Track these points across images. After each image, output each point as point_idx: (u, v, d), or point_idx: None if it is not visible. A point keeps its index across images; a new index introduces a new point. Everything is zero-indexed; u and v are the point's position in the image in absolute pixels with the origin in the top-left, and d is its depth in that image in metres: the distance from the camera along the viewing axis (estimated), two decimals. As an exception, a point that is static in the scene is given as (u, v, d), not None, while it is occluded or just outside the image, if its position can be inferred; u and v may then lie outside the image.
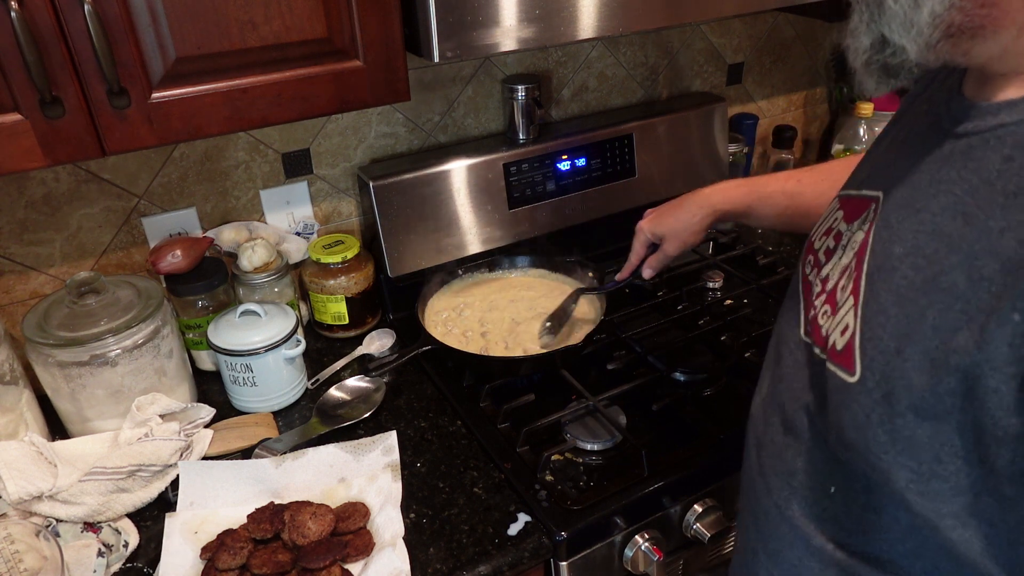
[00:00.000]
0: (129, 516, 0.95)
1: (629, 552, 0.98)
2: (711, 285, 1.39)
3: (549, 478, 0.99)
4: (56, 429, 1.07)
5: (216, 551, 0.85)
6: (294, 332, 1.12)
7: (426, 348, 1.15)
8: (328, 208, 1.34)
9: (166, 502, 0.97)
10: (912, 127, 0.65)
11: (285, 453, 1.00)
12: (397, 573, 0.83)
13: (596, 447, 1.02)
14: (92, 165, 1.12)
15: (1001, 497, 0.51)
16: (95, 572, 0.86)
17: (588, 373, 1.16)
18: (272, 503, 0.92)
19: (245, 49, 0.82)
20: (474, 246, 1.35)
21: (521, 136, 1.36)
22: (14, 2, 0.69)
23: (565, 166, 1.38)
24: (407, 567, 0.85)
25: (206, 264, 1.18)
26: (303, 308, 1.32)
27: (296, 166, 1.27)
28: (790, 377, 0.69)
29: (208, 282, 1.16)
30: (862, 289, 0.59)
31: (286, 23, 0.83)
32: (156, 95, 0.80)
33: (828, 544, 0.65)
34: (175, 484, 0.96)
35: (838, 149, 1.66)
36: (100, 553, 0.88)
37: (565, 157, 1.38)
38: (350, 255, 1.24)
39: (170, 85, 0.80)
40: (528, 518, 0.94)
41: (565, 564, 0.93)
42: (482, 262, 1.36)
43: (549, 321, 1.19)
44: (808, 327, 0.67)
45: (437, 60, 0.87)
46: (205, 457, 1.02)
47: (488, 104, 1.40)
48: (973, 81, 0.58)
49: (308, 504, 0.91)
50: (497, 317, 1.26)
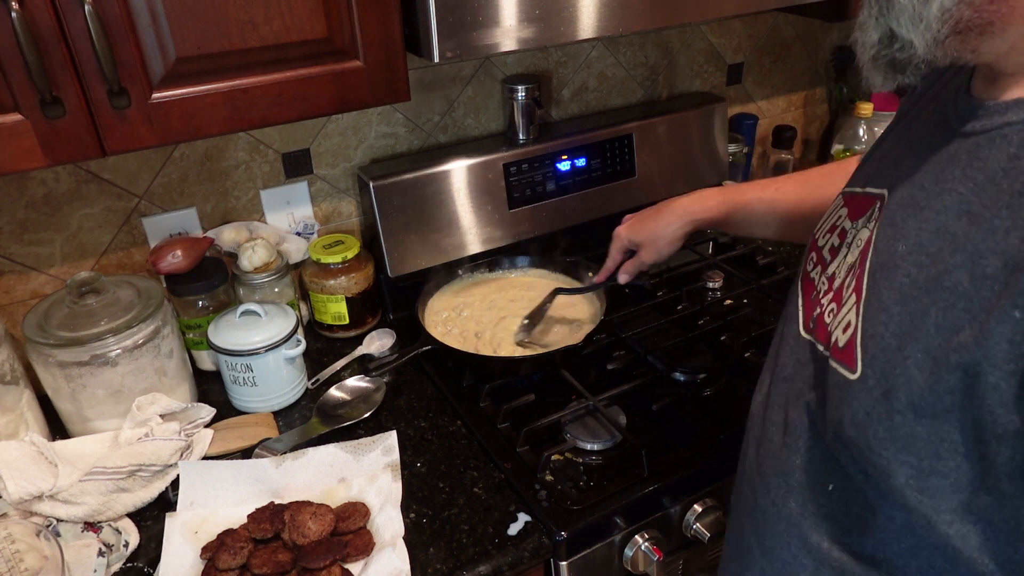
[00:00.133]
0: (129, 516, 0.95)
1: (629, 552, 0.98)
2: (711, 285, 1.39)
3: (549, 478, 0.99)
4: (56, 429, 1.07)
5: (216, 551, 0.85)
6: (294, 332, 1.12)
7: (426, 348, 1.15)
8: (328, 208, 1.34)
9: (166, 502, 0.97)
10: (918, 126, 0.65)
11: (285, 453, 1.00)
12: (397, 573, 0.83)
13: (596, 447, 1.02)
14: (92, 165, 1.12)
15: (1000, 494, 0.51)
16: (95, 572, 0.86)
17: (588, 373, 1.16)
18: (272, 503, 0.92)
19: (245, 49, 0.82)
20: (474, 246, 1.35)
21: (521, 136, 1.36)
22: (15, 2, 0.69)
23: (565, 166, 1.38)
24: (407, 567, 0.85)
25: (206, 264, 1.18)
26: (303, 308, 1.32)
27: (296, 166, 1.28)
28: (791, 375, 0.69)
29: (208, 282, 1.16)
30: (864, 286, 0.59)
31: (286, 23, 0.83)
32: (156, 95, 0.80)
33: (824, 542, 0.65)
34: (175, 484, 0.96)
35: (838, 149, 1.66)
36: (100, 553, 0.88)
37: (565, 157, 1.38)
38: (350, 255, 1.24)
39: (170, 85, 0.80)
40: (528, 518, 0.94)
41: (565, 564, 0.94)
42: (482, 262, 1.36)
43: (527, 319, 1.20)
44: (812, 325, 0.67)
45: (437, 60, 0.87)
46: (205, 457, 1.02)
47: (488, 104, 1.40)
48: (981, 80, 0.58)
49: (308, 504, 0.91)
50: (494, 316, 1.26)
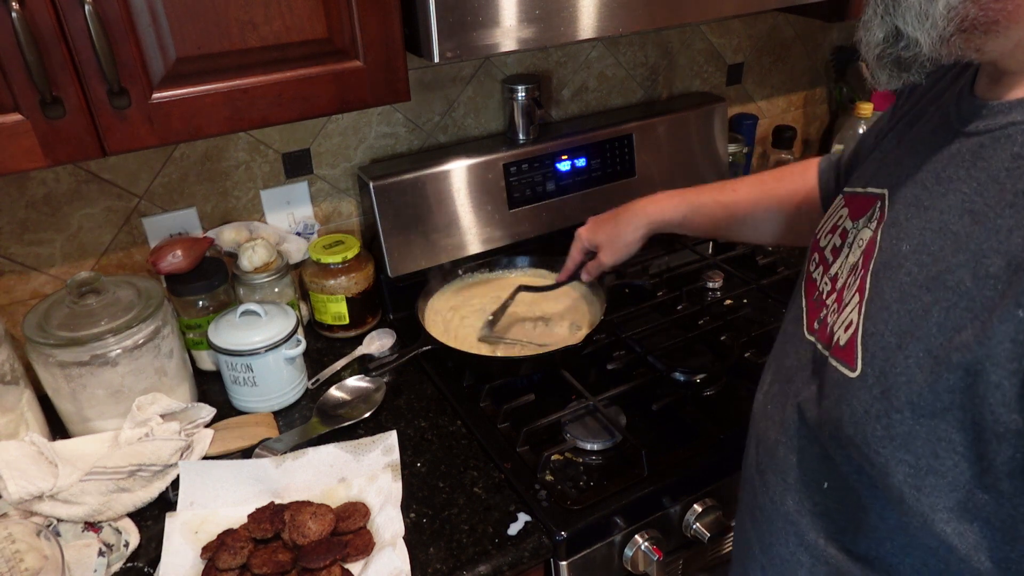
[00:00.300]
0: (130, 516, 0.95)
1: (629, 552, 0.98)
2: (711, 285, 1.39)
3: (549, 478, 0.99)
4: (56, 429, 1.07)
5: (216, 551, 0.85)
6: (294, 332, 1.12)
7: (426, 348, 1.15)
8: (328, 208, 1.34)
9: (166, 502, 0.97)
10: (920, 126, 0.65)
11: (285, 453, 1.00)
12: (397, 573, 0.83)
13: (596, 447, 1.02)
14: (92, 165, 1.12)
15: (998, 493, 0.51)
16: (96, 572, 0.86)
17: (588, 373, 1.16)
18: (272, 503, 0.92)
19: (245, 49, 0.82)
20: (474, 246, 1.35)
21: (521, 136, 1.36)
22: (15, 2, 0.69)
23: (565, 166, 1.38)
24: (407, 567, 0.85)
25: (206, 264, 1.18)
26: (303, 308, 1.32)
27: (296, 166, 1.28)
28: (792, 374, 0.69)
29: (208, 282, 1.16)
30: (867, 286, 0.59)
31: (286, 23, 0.83)
32: (156, 95, 0.80)
33: (820, 539, 0.65)
34: (175, 484, 0.96)
35: (838, 149, 1.66)
36: (101, 553, 0.88)
37: (565, 157, 1.38)
38: (350, 255, 1.24)
39: (170, 85, 0.80)
40: (528, 518, 0.94)
41: (565, 564, 0.94)
42: (482, 262, 1.36)
43: (492, 316, 1.22)
44: (816, 326, 0.67)
45: (437, 60, 0.87)
46: (205, 457, 1.02)
47: (488, 104, 1.40)
48: (985, 80, 0.58)
49: (308, 504, 0.91)
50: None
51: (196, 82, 0.82)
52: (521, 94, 1.32)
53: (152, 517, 0.96)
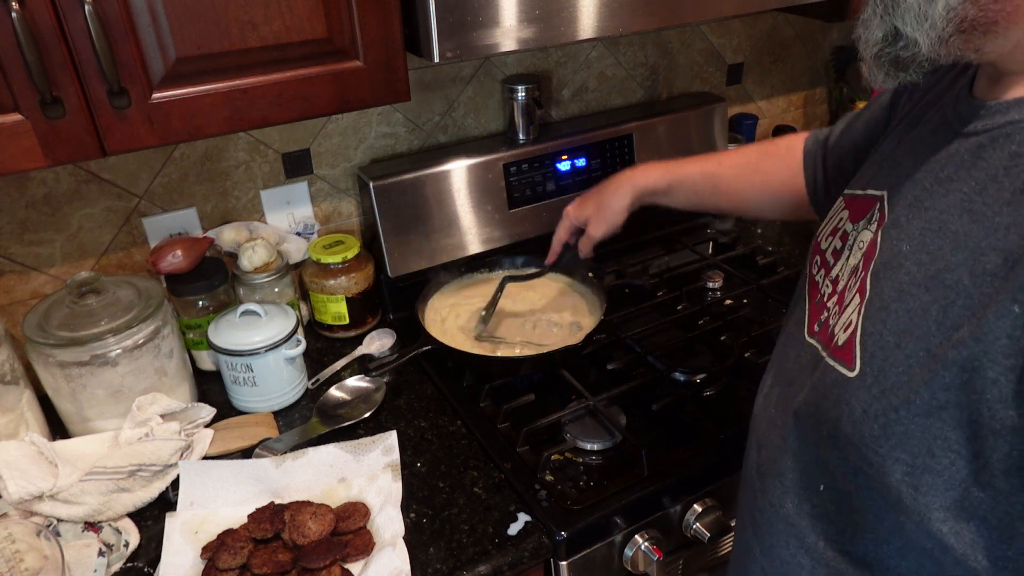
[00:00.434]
0: (130, 516, 0.95)
1: (629, 552, 0.98)
2: (711, 285, 1.39)
3: (549, 478, 0.99)
4: (56, 429, 1.07)
5: (216, 551, 0.86)
6: (294, 332, 1.12)
7: (426, 348, 1.15)
8: (328, 208, 1.34)
9: (166, 502, 0.97)
10: (919, 128, 0.66)
11: (285, 453, 1.00)
12: (397, 573, 0.83)
13: (596, 447, 1.02)
14: (92, 165, 1.12)
15: (994, 491, 0.51)
16: (96, 572, 0.86)
17: (588, 373, 1.16)
18: (272, 503, 0.92)
19: (245, 49, 0.82)
20: (474, 246, 1.35)
21: (521, 136, 1.36)
22: (15, 2, 0.69)
23: (565, 166, 1.38)
24: (407, 567, 0.85)
25: (206, 264, 1.18)
26: (303, 308, 1.32)
27: (296, 166, 1.28)
28: (792, 377, 0.69)
29: (208, 282, 1.16)
30: (867, 287, 0.59)
31: (286, 23, 0.83)
32: (156, 95, 0.80)
33: (820, 542, 0.65)
34: (175, 484, 0.96)
35: (838, 149, 1.66)
36: (101, 553, 0.88)
37: (565, 157, 1.38)
38: (350, 255, 1.24)
39: (170, 85, 0.80)
40: (528, 518, 0.94)
41: (565, 564, 0.94)
42: (482, 262, 1.36)
43: (484, 312, 1.21)
44: (817, 328, 0.67)
45: (437, 60, 0.87)
46: (205, 457, 1.02)
47: (488, 104, 1.40)
48: (984, 82, 0.58)
49: (308, 504, 0.91)
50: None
51: (196, 82, 0.82)
52: (521, 94, 1.32)
53: (152, 517, 0.96)
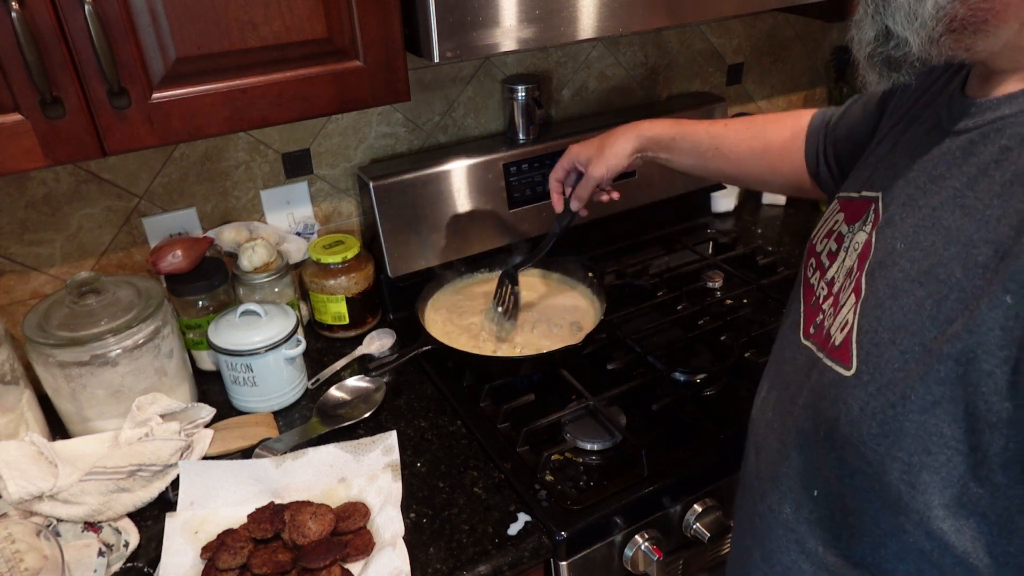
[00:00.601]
0: (130, 516, 0.95)
1: (629, 552, 0.98)
2: (711, 285, 1.39)
3: (549, 478, 0.99)
4: (56, 429, 1.07)
5: (216, 551, 0.85)
6: (294, 332, 1.12)
7: (426, 348, 1.15)
8: (328, 208, 1.34)
9: (166, 502, 0.97)
10: (913, 130, 0.66)
11: (285, 453, 1.00)
12: (397, 573, 0.83)
13: (596, 447, 1.02)
14: (92, 165, 1.12)
15: (993, 486, 0.51)
16: (95, 572, 0.86)
17: (588, 373, 1.16)
18: (272, 503, 0.92)
19: (245, 49, 0.82)
20: (474, 246, 1.35)
21: (521, 136, 1.36)
22: (15, 2, 0.69)
23: (565, 166, 1.38)
24: (407, 567, 0.85)
25: (206, 264, 1.18)
26: (303, 308, 1.32)
27: (296, 166, 1.28)
28: (789, 380, 0.69)
29: (208, 282, 1.16)
30: (863, 286, 0.60)
31: (286, 23, 0.83)
32: (156, 95, 0.80)
33: (819, 546, 0.65)
34: (175, 484, 0.96)
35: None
36: (101, 553, 0.88)
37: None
38: (350, 255, 1.24)
39: (170, 85, 0.80)
40: (528, 518, 0.94)
41: (565, 564, 0.94)
42: (482, 262, 1.36)
43: (501, 310, 1.20)
44: (812, 330, 0.67)
45: (437, 60, 0.87)
46: (205, 457, 1.02)
47: (488, 104, 1.40)
48: (975, 81, 0.59)
49: (308, 504, 0.91)
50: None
51: (196, 82, 0.82)
52: (521, 94, 1.32)
53: (152, 517, 0.96)
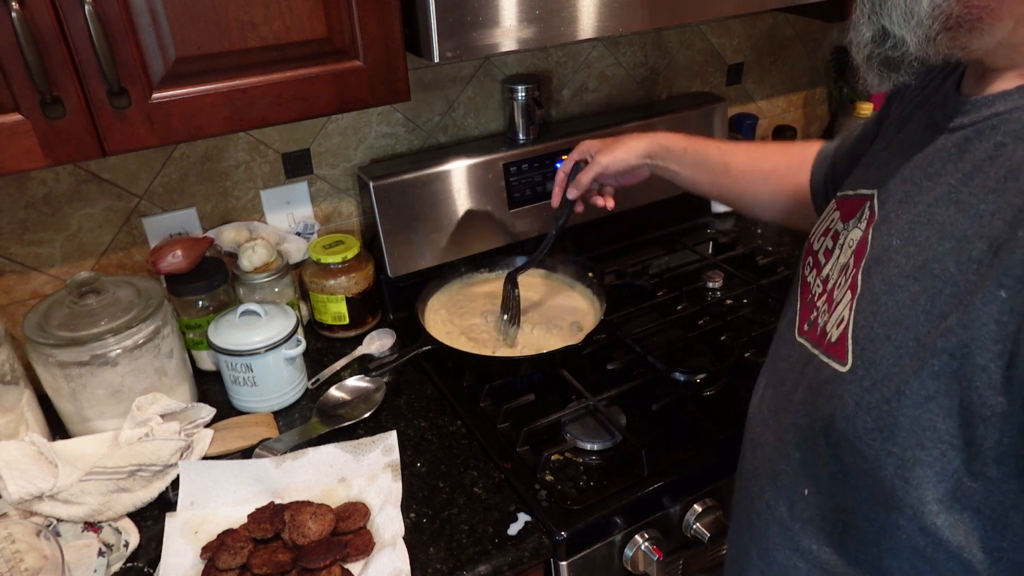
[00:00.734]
0: (130, 516, 0.95)
1: (629, 552, 0.98)
2: (711, 285, 1.39)
3: (549, 478, 0.99)
4: (56, 429, 1.07)
5: (216, 551, 0.86)
6: (294, 332, 1.12)
7: (426, 348, 1.15)
8: (328, 208, 1.34)
9: (166, 502, 0.97)
10: (908, 129, 0.66)
11: (285, 453, 1.00)
12: (397, 573, 0.83)
13: (596, 447, 1.02)
14: (92, 165, 1.12)
15: (986, 480, 0.51)
16: (96, 572, 0.86)
17: (588, 373, 1.16)
18: (272, 503, 0.92)
19: (245, 49, 0.82)
20: (474, 246, 1.35)
21: (521, 136, 1.36)
22: (15, 2, 0.69)
23: (565, 166, 1.38)
24: (407, 567, 0.85)
25: (206, 264, 1.18)
26: (303, 308, 1.32)
27: (296, 166, 1.28)
28: (784, 377, 0.69)
29: (208, 282, 1.16)
30: (859, 283, 0.60)
31: (286, 23, 0.83)
32: (156, 95, 0.80)
33: (813, 544, 0.66)
34: (175, 484, 0.96)
35: (838, 149, 1.66)
36: (101, 553, 0.88)
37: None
38: (350, 255, 1.24)
39: (170, 85, 0.80)
40: (528, 518, 0.94)
41: (565, 564, 0.94)
42: (482, 262, 1.36)
43: (506, 316, 1.19)
44: (807, 327, 0.67)
45: (437, 60, 0.87)
46: (205, 457, 1.02)
47: (488, 104, 1.40)
48: (971, 80, 0.59)
49: (308, 504, 0.91)
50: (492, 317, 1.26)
51: (196, 82, 0.82)
52: (521, 94, 1.32)
53: (152, 517, 0.96)
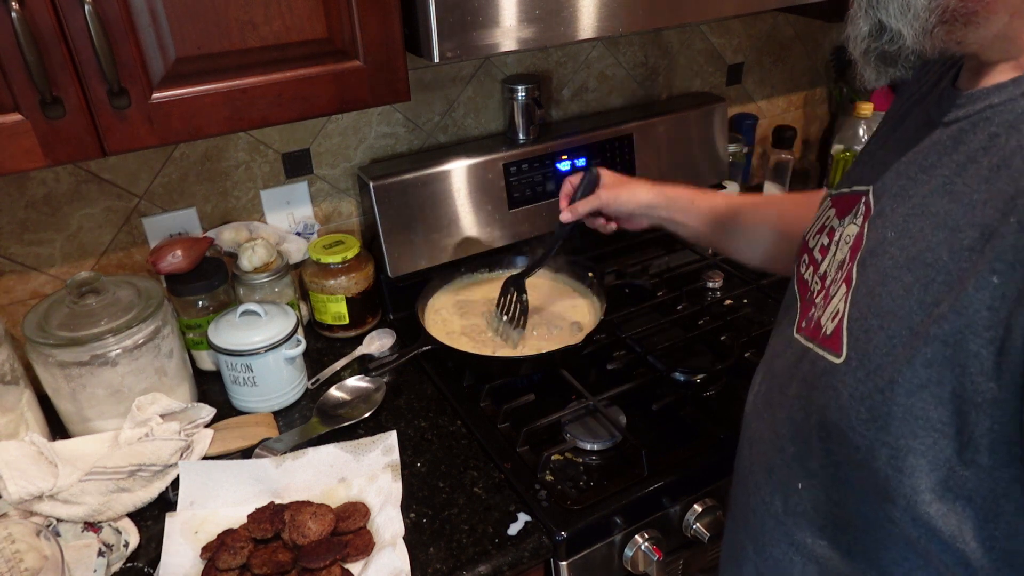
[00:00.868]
0: (129, 516, 0.95)
1: (629, 552, 0.98)
2: (711, 285, 1.39)
3: (549, 478, 0.99)
4: (56, 429, 1.07)
5: (216, 551, 0.86)
6: (294, 332, 1.12)
7: (426, 348, 1.15)
8: (328, 208, 1.34)
9: (166, 502, 0.97)
10: (904, 126, 0.66)
11: (285, 453, 1.00)
12: (397, 573, 0.83)
13: (596, 447, 1.02)
14: (92, 165, 1.12)
15: (978, 468, 0.51)
16: (95, 572, 0.86)
17: (588, 373, 1.16)
18: (272, 503, 0.92)
19: (245, 49, 0.82)
20: (474, 246, 1.35)
21: (521, 136, 1.36)
22: (15, 2, 0.69)
23: (565, 166, 1.38)
24: (407, 567, 0.85)
25: (206, 264, 1.18)
26: (303, 308, 1.32)
27: (296, 166, 1.28)
28: (779, 372, 0.70)
29: (208, 282, 1.16)
30: (854, 276, 0.60)
31: (286, 23, 0.83)
32: (156, 95, 0.80)
33: (808, 538, 0.66)
34: (175, 484, 0.96)
35: (838, 149, 1.66)
36: (100, 553, 0.88)
37: (565, 157, 1.38)
38: (350, 255, 1.24)
39: (170, 85, 0.80)
40: (528, 518, 0.94)
41: (565, 564, 0.94)
42: (482, 262, 1.36)
43: (508, 318, 1.19)
44: (803, 324, 0.67)
45: (437, 60, 0.87)
46: (205, 457, 1.02)
47: (488, 104, 1.40)
48: (966, 75, 0.59)
49: (308, 504, 0.91)
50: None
51: (196, 82, 0.82)
52: (521, 94, 1.32)
53: (152, 517, 0.96)
